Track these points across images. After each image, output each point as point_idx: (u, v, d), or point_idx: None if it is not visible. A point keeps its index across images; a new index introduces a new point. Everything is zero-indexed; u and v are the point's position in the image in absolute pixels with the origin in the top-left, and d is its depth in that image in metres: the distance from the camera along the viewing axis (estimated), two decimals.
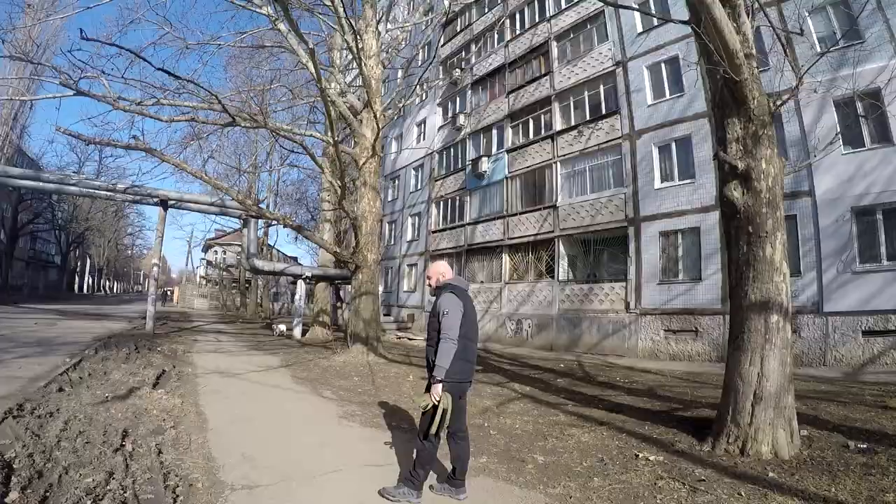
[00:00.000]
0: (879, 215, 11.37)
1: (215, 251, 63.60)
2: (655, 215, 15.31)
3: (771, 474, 4.32)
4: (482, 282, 21.49)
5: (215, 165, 26.07)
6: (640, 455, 4.94)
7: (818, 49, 11.64)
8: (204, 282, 58.83)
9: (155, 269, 18.35)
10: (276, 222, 26.04)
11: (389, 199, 30.61)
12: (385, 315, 28.01)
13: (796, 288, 12.08)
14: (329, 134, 11.27)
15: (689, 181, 14.75)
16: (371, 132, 12.87)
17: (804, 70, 6.01)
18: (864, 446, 4.97)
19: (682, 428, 5.86)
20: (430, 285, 4.10)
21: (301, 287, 20.03)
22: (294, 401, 7.44)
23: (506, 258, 20.54)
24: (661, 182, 15.48)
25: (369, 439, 5.55)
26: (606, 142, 17.08)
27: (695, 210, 14.40)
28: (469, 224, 22.79)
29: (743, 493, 3.96)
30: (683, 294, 14.34)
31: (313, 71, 10.02)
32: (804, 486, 4.03)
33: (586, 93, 18.28)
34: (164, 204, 17.94)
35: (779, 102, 5.21)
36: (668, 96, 15.74)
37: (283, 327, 19.72)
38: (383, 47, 15.19)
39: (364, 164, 12.89)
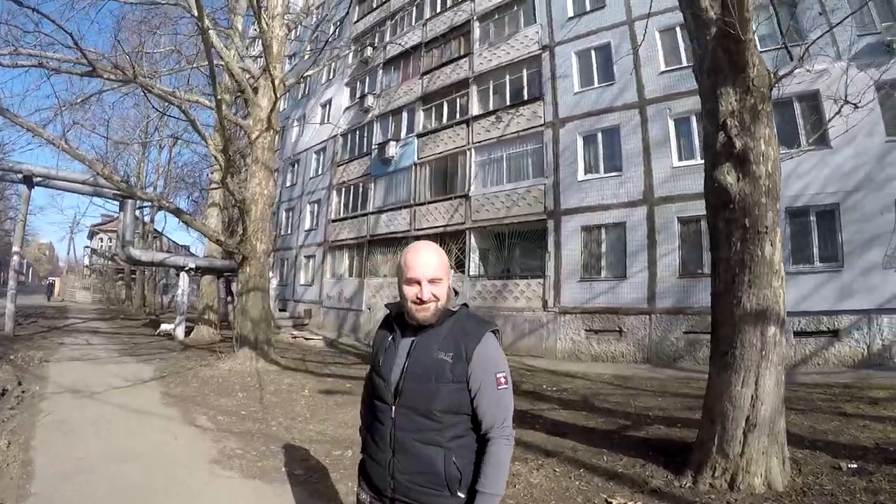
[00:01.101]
0: (812, 217, 11.32)
1: (101, 238, 56.69)
2: (577, 208, 14.62)
3: None
4: (385, 275, 20.04)
5: (98, 141, 22.37)
6: (615, 503, 3.97)
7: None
8: (88, 272, 52.61)
9: (16, 257, 15.79)
10: (152, 204, 22.88)
11: (288, 184, 28.36)
12: (280, 311, 25.85)
13: None
14: (214, 91, 9.23)
15: (615, 174, 14.19)
16: (268, 102, 11.17)
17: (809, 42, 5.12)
18: (856, 466, 4.57)
19: (647, 457, 4.97)
20: (420, 300, 1.77)
21: (184, 280, 17.35)
22: (158, 434, 5.75)
23: None
24: (585, 174, 14.83)
25: (253, 500, 4.13)
26: (527, 129, 16.18)
27: (621, 204, 13.84)
28: (372, 213, 21.18)
29: None
30: (606, 292, 13.77)
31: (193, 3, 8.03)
32: None
33: (508, 77, 17.29)
34: (28, 181, 14.94)
35: (781, 73, 4.39)
36: (596, 84, 15.12)
37: (168, 326, 17.12)
38: (291, 15, 13.26)
39: (257, 138, 11.18)
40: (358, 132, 23.24)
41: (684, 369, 11.59)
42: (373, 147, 21.66)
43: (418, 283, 1.75)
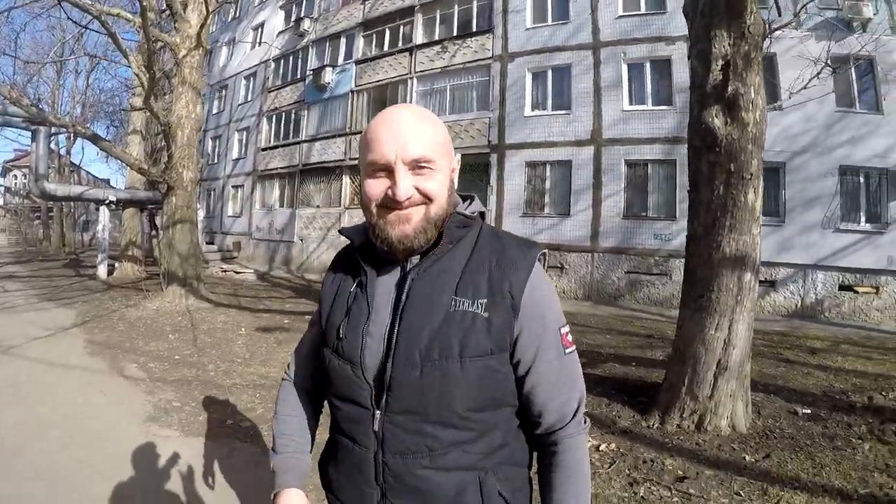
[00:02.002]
0: None
1: (14, 176, 51.30)
2: (523, 144, 14.62)
3: (748, 458, 3.78)
4: (318, 206, 19.49)
5: (5, 67, 19.54)
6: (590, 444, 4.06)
7: None
8: (2, 213, 48.33)
9: None
10: (67, 132, 20.73)
11: (215, 111, 26.41)
12: (208, 244, 24.68)
13: (671, 232, 12.45)
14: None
15: (563, 112, 14.20)
16: (198, 17, 10.16)
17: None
18: (809, 412, 4.80)
19: (610, 396, 5.09)
20: (393, 201, 0.94)
21: (105, 215, 16.07)
22: (83, 392, 5.05)
23: (346, 180, 18.65)
24: (533, 110, 14.77)
25: (197, 461, 3.65)
26: (474, 61, 15.76)
27: (568, 143, 13.96)
28: (306, 141, 20.23)
29: (740, 492, 3.30)
30: (549, 229, 14.07)
31: None
32: (794, 472, 3.59)
33: (457, 7, 16.54)
34: None
35: (776, 26, 4.48)
36: (550, 22, 14.81)
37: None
38: None
39: (185, 56, 10.28)
40: (292, 57, 21.74)
41: (625, 307, 12.11)
42: (307, 73, 20.38)
43: (388, 169, 0.94)
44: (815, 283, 11.89)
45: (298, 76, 21.12)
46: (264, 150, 22.31)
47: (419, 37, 17.15)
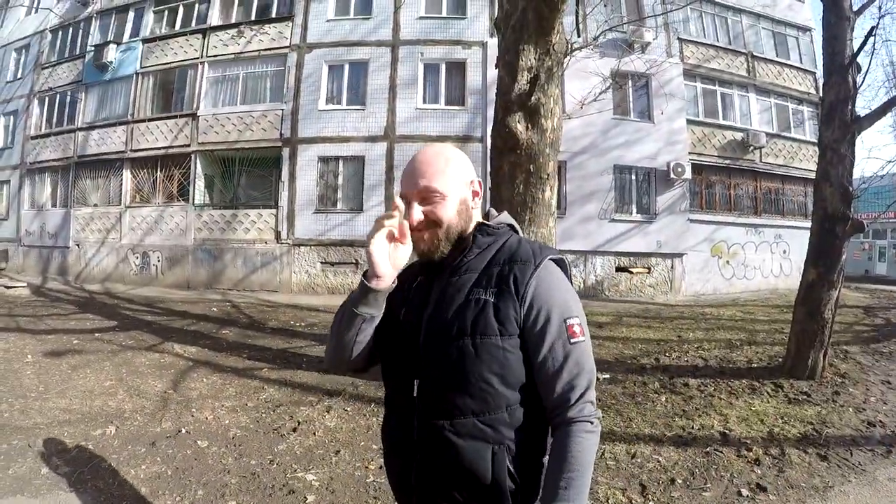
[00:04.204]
0: None
1: None
2: (315, 138, 14.07)
3: None
4: (96, 205, 16.91)
5: None
6: None
7: None
8: None
9: None
10: None
11: None
12: None
13: None
14: None
15: (358, 107, 14.08)
16: None
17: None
18: (608, 377, 5.51)
19: None
20: (414, 226, 1.24)
21: None
22: None
23: (128, 175, 16.38)
24: (327, 104, 14.33)
25: None
26: (270, 49, 14.87)
27: (362, 138, 13.82)
28: (82, 129, 17.47)
29: None
30: (343, 224, 13.75)
31: None
32: (608, 428, 4.10)
33: None
34: None
35: (576, 46, 5.12)
36: (352, 16, 14.69)
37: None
38: None
39: None
40: (72, 29, 18.74)
41: None
42: (89, 49, 17.70)
43: (409, 200, 1.23)
44: (594, 266, 13.62)
45: (78, 52, 18.24)
46: (34, 138, 18.84)
47: (215, 17, 15.76)
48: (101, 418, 4.41)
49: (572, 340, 1.15)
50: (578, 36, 6.38)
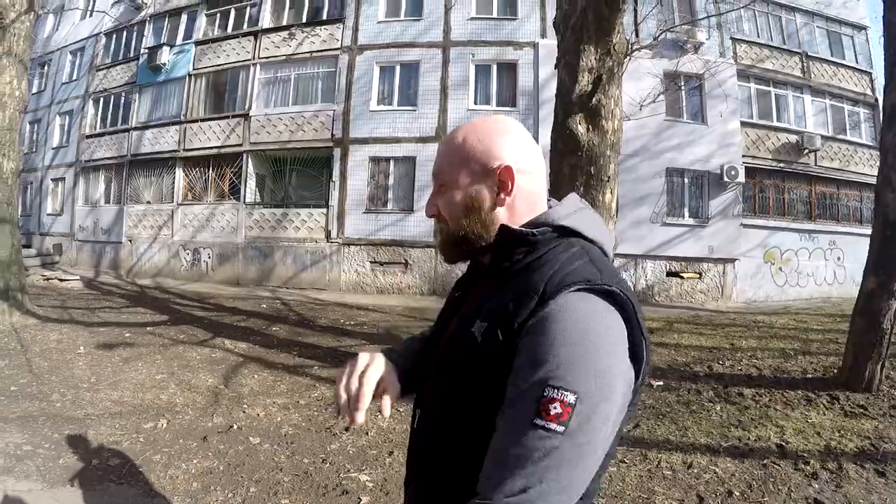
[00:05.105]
0: None
1: None
2: (367, 139, 14.20)
3: (622, 429, 3.69)
4: (149, 202, 17.40)
5: None
6: None
7: None
8: None
9: None
10: None
11: (34, 90, 22.63)
12: (25, 247, 20.92)
13: None
14: None
15: (410, 108, 14.16)
16: None
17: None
18: (661, 384, 5.43)
19: None
20: (447, 224, 0.98)
21: None
22: None
23: (180, 173, 16.79)
24: (378, 105, 14.45)
25: None
26: (322, 51, 15.06)
27: (412, 139, 13.88)
28: (136, 129, 17.95)
29: (624, 459, 3.73)
30: (393, 225, 13.83)
31: None
32: (664, 436, 4.11)
33: None
34: None
35: (637, 46, 5.05)
36: (402, 17, 14.75)
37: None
38: None
39: (14, 22, 8.17)
40: (126, 32, 19.31)
41: None
42: (142, 51, 18.22)
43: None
44: (645, 270, 13.47)
45: (132, 54, 18.78)
46: (89, 137, 19.46)
47: (266, 20, 16.06)
48: (153, 411, 4.44)
49: (538, 422, 0.72)
50: (637, 36, 6.26)
